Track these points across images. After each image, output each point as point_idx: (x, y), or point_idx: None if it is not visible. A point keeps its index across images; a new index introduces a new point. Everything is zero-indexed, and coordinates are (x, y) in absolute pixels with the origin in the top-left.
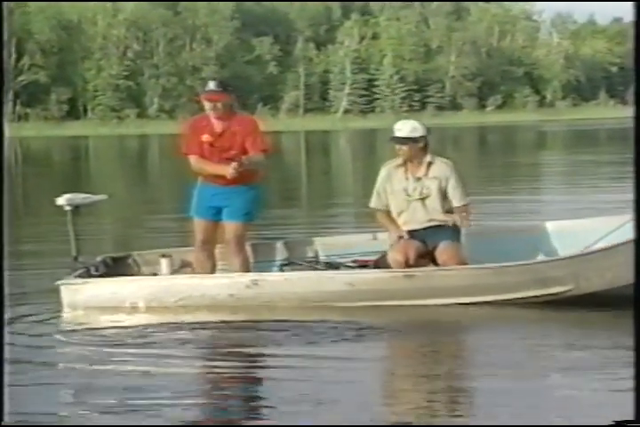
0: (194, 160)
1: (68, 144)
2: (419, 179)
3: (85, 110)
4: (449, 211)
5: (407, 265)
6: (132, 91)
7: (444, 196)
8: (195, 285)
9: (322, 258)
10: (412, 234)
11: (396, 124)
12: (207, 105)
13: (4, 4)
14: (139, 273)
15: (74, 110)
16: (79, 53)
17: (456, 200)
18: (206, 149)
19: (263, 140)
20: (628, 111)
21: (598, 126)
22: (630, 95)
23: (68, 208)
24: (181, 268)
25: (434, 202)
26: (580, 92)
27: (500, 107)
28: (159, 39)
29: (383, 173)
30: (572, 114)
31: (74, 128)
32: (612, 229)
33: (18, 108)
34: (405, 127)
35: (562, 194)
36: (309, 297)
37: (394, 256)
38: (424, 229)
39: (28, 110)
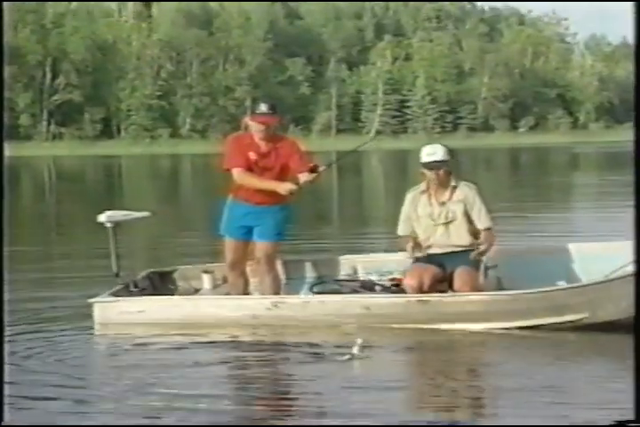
0: (240, 173)
1: (101, 163)
2: (443, 203)
3: (119, 130)
4: (474, 235)
5: (421, 291)
6: (164, 110)
7: (468, 219)
8: (219, 306)
9: (360, 276)
10: (432, 258)
11: (423, 149)
12: (258, 127)
13: (4, 3)
14: (182, 288)
15: (107, 130)
16: (113, 73)
17: (481, 222)
18: (252, 166)
19: (308, 158)
20: None
21: (632, 148)
22: None
23: (109, 225)
24: (224, 283)
25: (459, 226)
26: (614, 114)
27: (532, 128)
28: (192, 59)
29: (408, 199)
30: (605, 136)
31: (107, 147)
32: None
33: (52, 127)
34: (438, 151)
35: (593, 213)
36: (327, 320)
37: (408, 282)
38: (445, 253)
39: (62, 130)
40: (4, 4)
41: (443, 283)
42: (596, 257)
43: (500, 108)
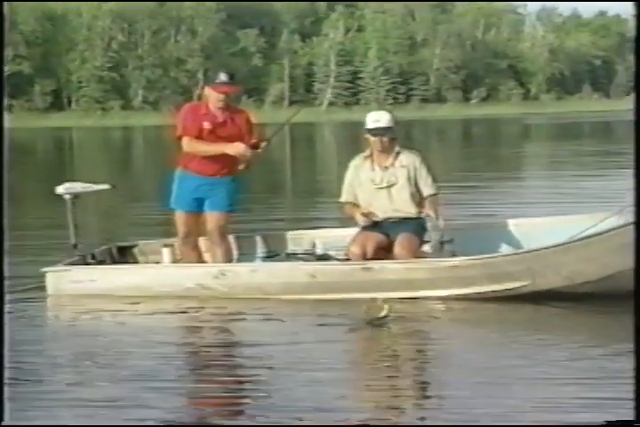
0: (189, 141)
1: (52, 135)
2: (386, 168)
3: (70, 102)
4: (418, 203)
5: (365, 258)
6: (116, 82)
7: (413, 185)
8: (167, 274)
9: (318, 251)
10: (376, 226)
11: (368, 115)
12: (218, 96)
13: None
14: (143, 262)
15: (58, 102)
16: (63, 45)
17: (427, 189)
18: (205, 136)
19: (256, 134)
20: (611, 104)
21: (582, 119)
22: (614, 88)
23: (67, 197)
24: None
25: (401, 191)
26: (564, 85)
27: (484, 100)
28: (144, 31)
29: (351, 166)
30: (556, 107)
31: (58, 119)
32: (589, 226)
33: None
34: (384, 117)
35: (547, 183)
36: (274, 288)
37: (351, 249)
38: (388, 221)
39: (12, 102)
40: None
41: (389, 253)
42: (553, 231)
43: (453, 79)
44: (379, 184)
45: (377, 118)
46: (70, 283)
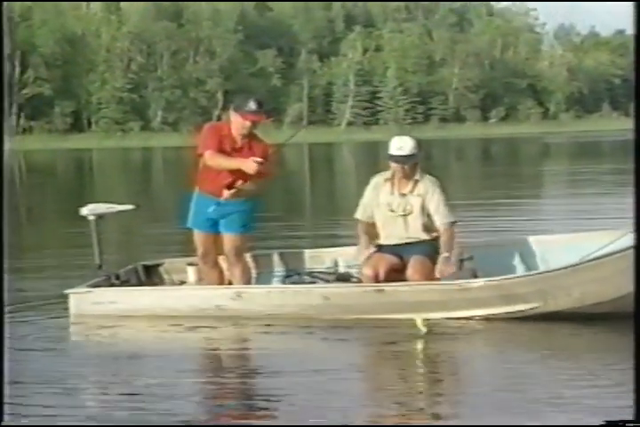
0: (210, 154)
1: (72, 157)
2: (404, 195)
3: (89, 123)
4: (430, 229)
5: (377, 280)
6: (135, 103)
7: (426, 214)
8: (185, 296)
9: (340, 268)
10: (389, 248)
11: (392, 141)
12: (244, 124)
13: (4, 3)
14: (167, 281)
15: (78, 123)
16: (83, 66)
17: (439, 218)
18: (223, 152)
19: (271, 168)
20: (631, 123)
21: (601, 138)
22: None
23: (91, 218)
24: None
25: (416, 220)
26: (584, 104)
27: (503, 119)
28: (163, 52)
29: (372, 184)
30: (575, 126)
31: (78, 141)
32: (607, 242)
33: (22, 121)
34: (407, 145)
35: (567, 201)
36: (289, 310)
37: (364, 271)
38: (402, 243)
39: (32, 123)
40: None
41: (402, 274)
42: (572, 248)
43: (471, 98)
44: (395, 211)
45: (400, 145)
46: (92, 304)
